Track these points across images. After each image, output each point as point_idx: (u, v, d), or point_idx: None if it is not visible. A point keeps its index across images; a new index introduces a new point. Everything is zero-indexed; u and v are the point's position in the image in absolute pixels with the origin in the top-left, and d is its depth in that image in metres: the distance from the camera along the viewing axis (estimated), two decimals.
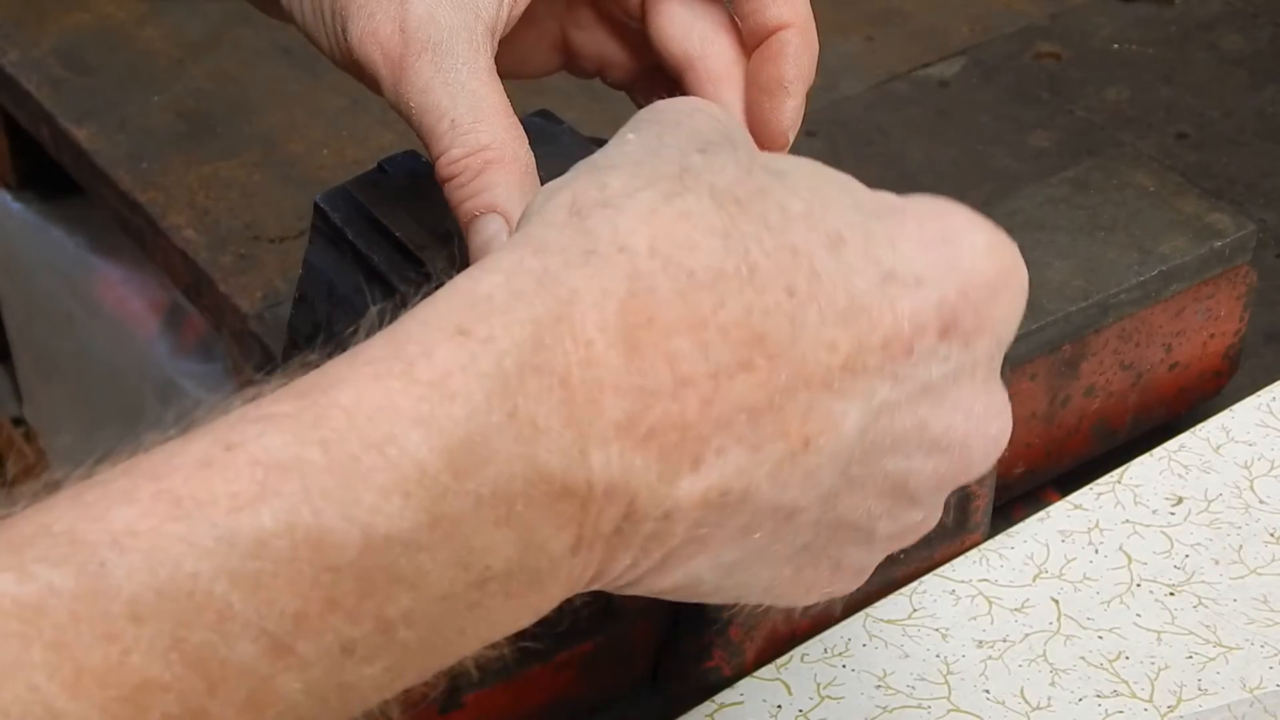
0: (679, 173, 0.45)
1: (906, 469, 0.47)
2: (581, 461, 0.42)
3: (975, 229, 0.47)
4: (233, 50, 1.08)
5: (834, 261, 0.44)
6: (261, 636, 0.38)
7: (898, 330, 0.45)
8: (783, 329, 0.43)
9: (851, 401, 0.45)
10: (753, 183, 0.45)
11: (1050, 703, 0.63)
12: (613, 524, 0.43)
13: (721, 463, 0.43)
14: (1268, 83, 1.04)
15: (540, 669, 0.63)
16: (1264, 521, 0.70)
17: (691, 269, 0.43)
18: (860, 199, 0.47)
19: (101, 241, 1.18)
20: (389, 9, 0.55)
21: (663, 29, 0.58)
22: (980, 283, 0.47)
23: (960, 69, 1.05)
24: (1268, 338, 0.85)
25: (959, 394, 0.47)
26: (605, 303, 0.42)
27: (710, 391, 0.43)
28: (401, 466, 0.39)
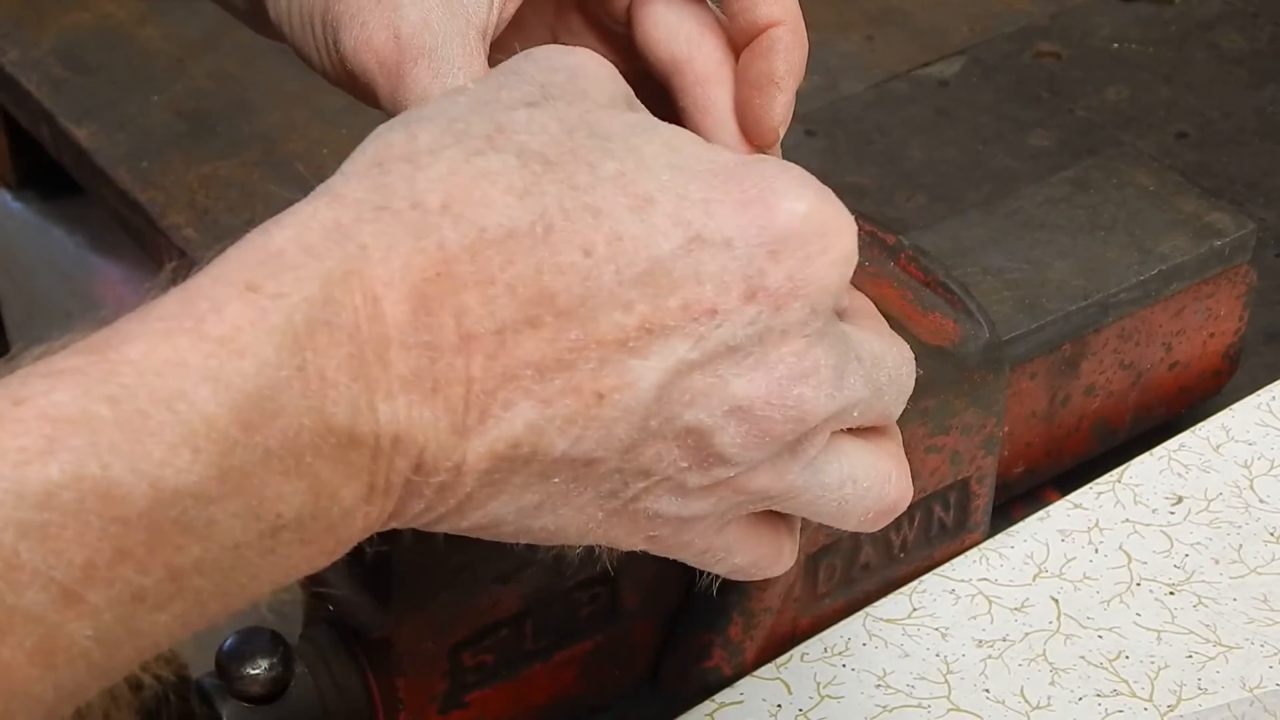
0: (492, 131, 0.45)
1: (709, 425, 0.47)
2: (369, 414, 0.42)
3: (797, 191, 0.47)
4: (232, 49, 1.08)
5: (639, 224, 0.45)
6: (50, 585, 0.38)
7: (699, 293, 0.45)
8: (574, 288, 0.44)
9: (649, 360, 0.45)
10: (570, 143, 0.46)
11: (1050, 702, 0.63)
12: (403, 475, 0.44)
13: (510, 416, 0.44)
14: (1267, 82, 1.04)
15: (540, 669, 0.63)
16: (1264, 521, 0.70)
17: (483, 226, 0.44)
18: (686, 161, 0.47)
19: (101, 241, 1.18)
20: (381, 17, 0.55)
21: (648, 33, 0.58)
22: (794, 246, 0.46)
23: (960, 68, 1.05)
24: (1268, 337, 0.85)
25: (764, 355, 0.47)
26: (392, 258, 0.43)
27: (495, 347, 0.44)
28: (190, 422, 0.40)
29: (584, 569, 0.62)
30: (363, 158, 0.46)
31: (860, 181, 0.95)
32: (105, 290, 1.18)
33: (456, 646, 0.61)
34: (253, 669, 0.59)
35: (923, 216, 0.91)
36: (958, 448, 0.67)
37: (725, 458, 0.48)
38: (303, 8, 0.57)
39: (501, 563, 0.60)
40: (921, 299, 0.67)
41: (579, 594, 0.62)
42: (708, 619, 0.64)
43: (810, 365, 0.47)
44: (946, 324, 0.66)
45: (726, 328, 0.46)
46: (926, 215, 0.91)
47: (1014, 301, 0.70)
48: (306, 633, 0.63)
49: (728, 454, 0.48)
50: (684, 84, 0.57)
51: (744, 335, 0.46)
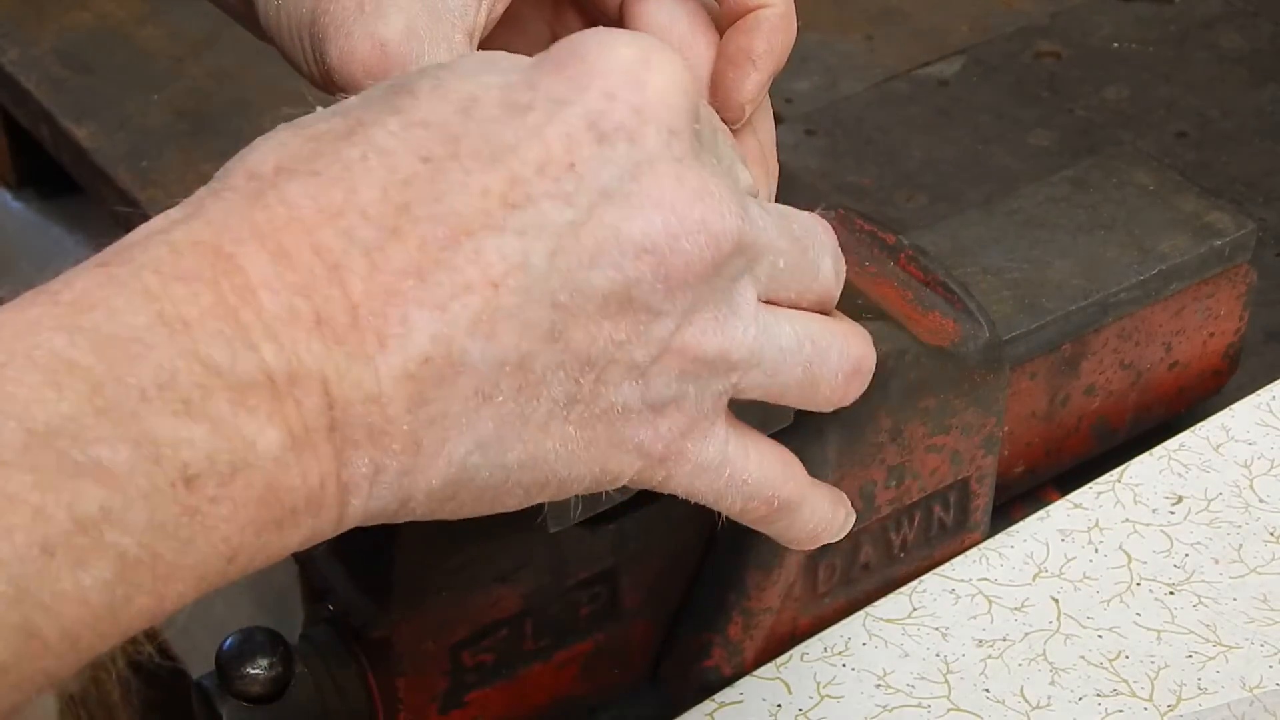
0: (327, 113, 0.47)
1: (621, 279, 0.46)
2: (250, 354, 0.43)
3: (605, 37, 0.47)
4: (232, 49, 1.08)
5: (468, 119, 0.46)
6: None
7: (549, 152, 0.46)
8: (424, 192, 0.45)
9: (527, 233, 0.45)
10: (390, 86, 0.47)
11: (1050, 702, 0.63)
12: (319, 415, 0.43)
13: (408, 331, 0.44)
14: (1267, 81, 1.04)
15: (540, 668, 0.63)
16: (1264, 520, 0.70)
17: (315, 170, 0.45)
18: (502, 63, 0.48)
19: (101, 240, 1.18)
20: (365, 27, 0.56)
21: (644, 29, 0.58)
22: (624, 81, 0.47)
23: (960, 68, 1.05)
24: (1268, 336, 0.85)
25: (642, 190, 0.46)
26: (235, 222, 0.44)
27: (366, 268, 0.44)
28: (50, 365, 0.41)
29: (584, 568, 0.62)
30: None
31: (860, 181, 0.95)
32: None
33: (456, 646, 0.61)
34: (253, 669, 0.59)
35: (923, 216, 0.91)
36: (958, 447, 0.67)
37: (656, 310, 0.47)
38: (290, 19, 0.58)
39: (501, 562, 0.60)
40: (921, 299, 0.67)
41: (579, 594, 0.62)
42: (708, 619, 0.64)
43: (698, 185, 0.47)
44: (946, 324, 0.66)
45: (590, 176, 0.46)
46: (926, 215, 0.91)
47: (1014, 301, 0.70)
48: (306, 633, 0.63)
49: (656, 305, 0.47)
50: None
51: (611, 176, 0.46)
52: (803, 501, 0.53)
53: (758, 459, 0.52)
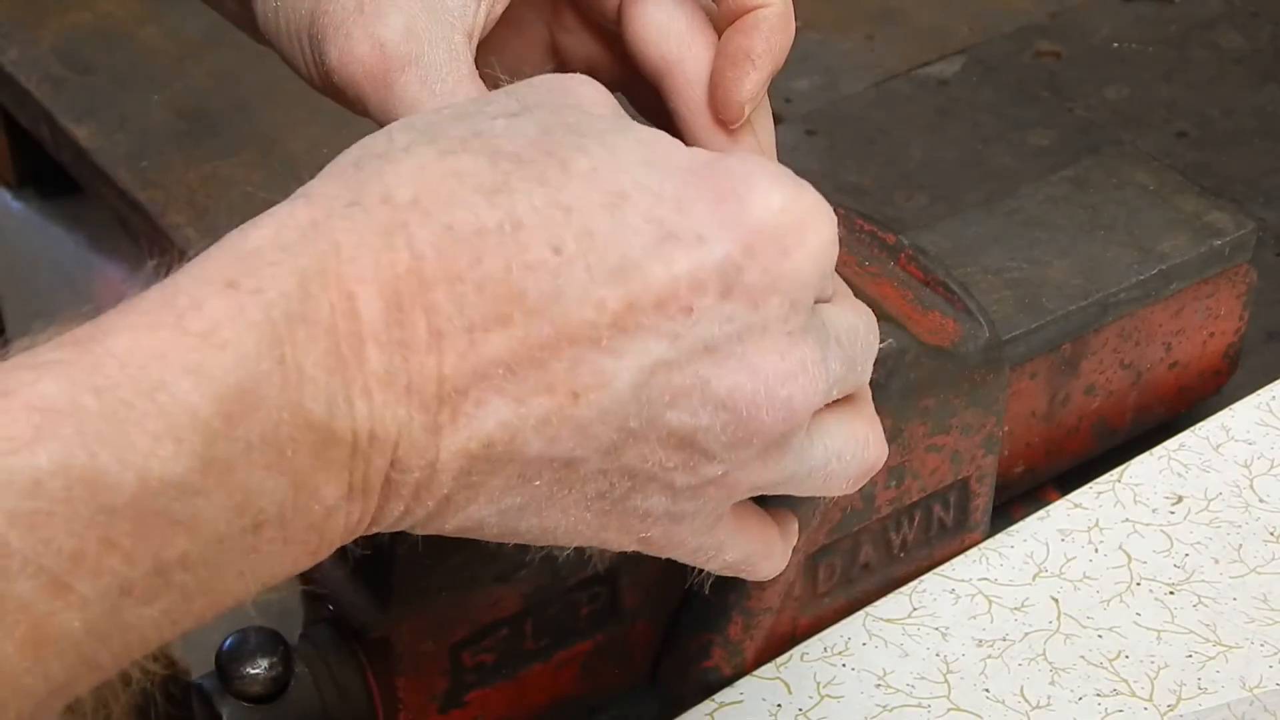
0: (469, 135, 0.46)
1: (692, 425, 0.47)
2: (346, 410, 0.43)
3: (770, 185, 0.47)
4: (232, 49, 1.08)
5: (610, 220, 0.45)
6: (40, 574, 0.39)
7: (674, 289, 0.45)
8: (544, 285, 0.44)
9: (623, 359, 0.45)
10: (545, 143, 0.46)
11: (1050, 701, 0.63)
12: (381, 473, 0.44)
13: (482, 415, 0.44)
14: (1267, 81, 1.04)
15: (540, 669, 0.63)
16: (1264, 520, 0.70)
17: (449, 223, 0.44)
18: (660, 158, 0.47)
19: (101, 240, 1.18)
20: (365, 27, 0.55)
21: (638, 34, 0.58)
22: (769, 240, 0.46)
23: (960, 68, 1.05)
24: (1268, 336, 0.85)
25: (745, 353, 0.46)
26: (363, 255, 0.43)
27: (465, 345, 0.44)
28: (173, 413, 0.41)
29: (584, 568, 0.62)
30: (343, 159, 0.47)
31: (860, 181, 0.95)
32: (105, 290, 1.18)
33: (456, 646, 0.61)
34: (253, 669, 0.59)
35: (923, 216, 0.91)
36: (958, 447, 0.67)
37: (712, 456, 0.47)
38: (289, 21, 0.57)
39: (501, 562, 0.60)
40: (921, 298, 0.67)
41: (579, 594, 0.62)
42: (708, 619, 0.64)
43: (797, 364, 0.47)
44: (946, 323, 0.66)
45: (703, 325, 0.46)
46: (926, 215, 0.91)
47: (1014, 301, 0.70)
48: (306, 633, 0.63)
49: (715, 453, 0.47)
50: (675, 86, 0.57)
51: (722, 334, 0.46)
52: (771, 564, 0.55)
53: (745, 542, 0.53)
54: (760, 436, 0.47)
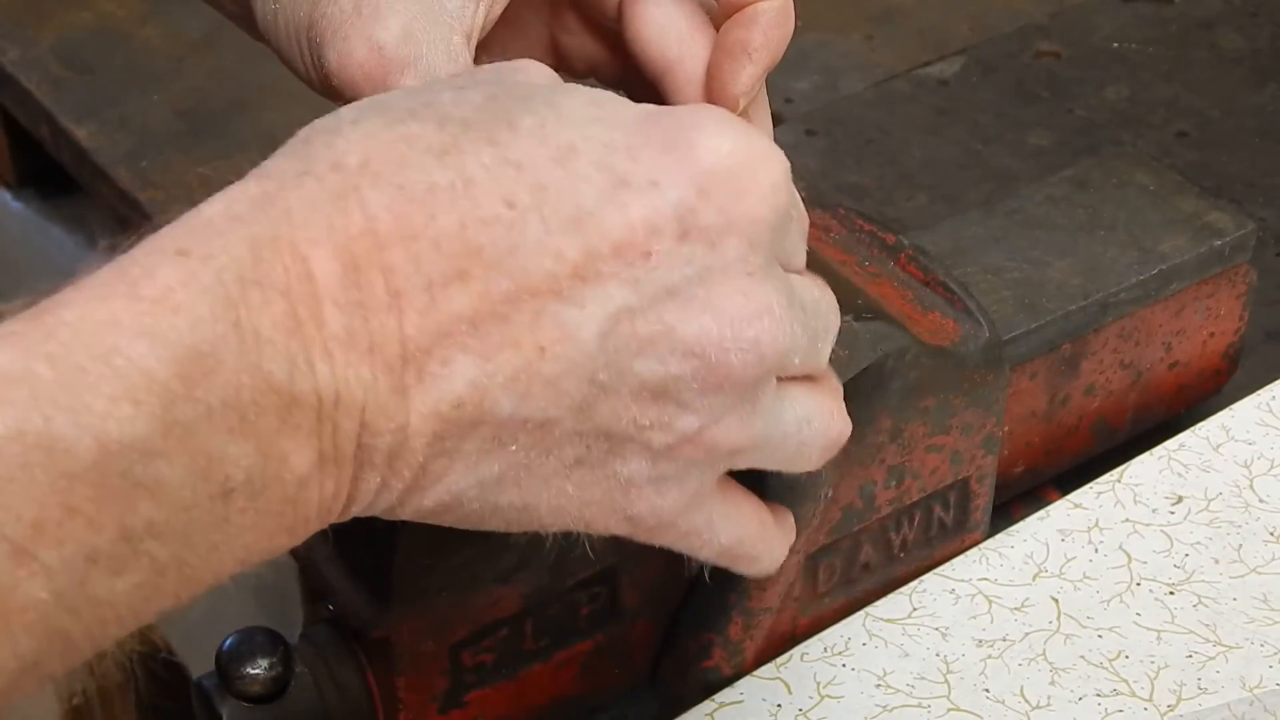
0: (416, 106, 0.46)
1: (663, 374, 0.47)
2: (307, 372, 0.43)
3: (718, 128, 0.47)
4: (232, 49, 1.08)
5: (561, 172, 0.45)
6: (2, 542, 0.39)
7: (630, 235, 0.45)
8: (500, 240, 0.44)
9: (586, 308, 0.45)
10: (491, 108, 0.46)
11: (1050, 702, 0.63)
12: (350, 439, 0.44)
13: (448, 373, 0.44)
14: (1267, 81, 1.04)
15: (540, 668, 0.63)
16: (1264, 520, 0.70)
17: (401, 183, 0.44)
18: (608, 113, 0.47)
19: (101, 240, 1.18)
20: (363, 30, 0.55)
21: (638, 32, 0.57)
22: (721, 181, 0.46)
23: (960, 68, 1.05)
24: (1268, 336, 0.85)
25: (709, 296, 0.46)
26: (315, 219, 0.44)
27: (425, 303, 0.44)
28: (129, 375, 0.41)
29: (584, 568, 0.62)
30: (294, 140, 0.47)
31: (860, 181, 0.95)
32: None
33: (456, 646, 0.61)
34: (253, 669, 0.59)
35: (923, 216, 0.91)
36: (958, 447, 0.67)
37: (685, 406, 0.47)
38: (288, 23, 0.57)
39: (501, 562, 0.59)
40: (921, 298, 0.67)
41: (579, 594, 0.62)
42: (708, 619, 0.64)
43: (761, 304, 0.47)
44: (946, 323, 0.66)
45: (663, 270, 0.46)
46: (926, 215, 0.91)
47: (1014, 301, 0.70)
48: (306, 633, 0.63)
49: (688, 402, 0.47)
50: (675, 85, 0.57)
51: (682, 277, 0.46)
52: (767, 551, 0.55)
53: (737, 523, 0.53)
54: (730, 382, 0.47)
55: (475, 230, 0.44)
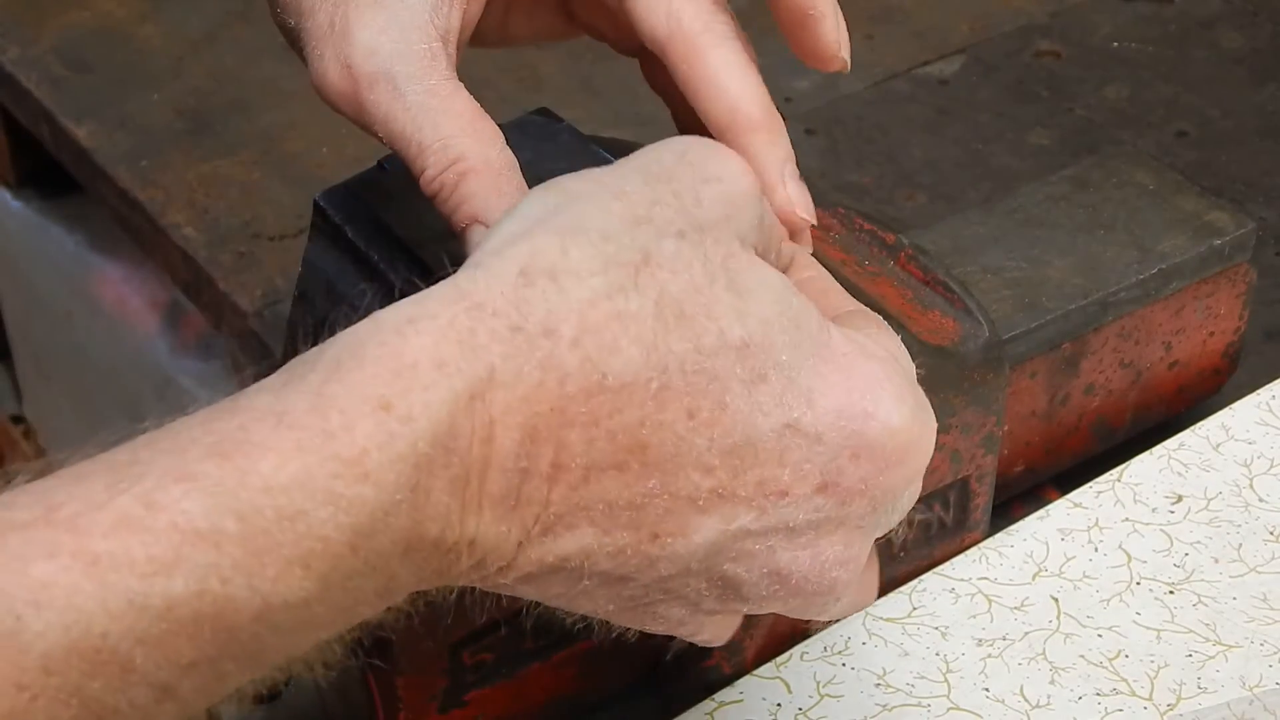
0: (639, 261, 0.46)
1: (743, 578, 0.49)
2: (458, 526, 0.44)
3: (894, 405, 0.49)
4: (232, 48, 1.08)
5: (746, 398, 0.46)
6: (155, 685, 0.41)
7: (777, 476, 0.47)
8: (667, 444, 0.46)
9: (711, 518, 0.47)
10: (708, 293, 0.46)
11: (1050, 701, 0.63)
12: (460, 571, 0.46)
13: (569, 536, 0.46)
14: (1267, 81, 1.04)
15: (540, 668, 0.63)
16: (1264, 520, 0.70)
17: (605, 372, 0.45)
18: (803, 338, 0.48)
19: (101, 239, 1.18)
20: (335, 47, 0.56)
21: (630, 11, 0.57)
22: (877, 455, 0.48)
23: (960, 67, 1.05)
24: (1267, 336, 0.85)
25: (815, 539, 0.49)
26: (516, 386, 0.44)
27: (579, 480, 0.45)
28: (307, 541, 0.42)
29: None
30: (509, 262, 0.46)
31: (860, 181, 0.95)
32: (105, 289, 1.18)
33: (456, 645, 0.61)
34: None
35: (923, 216, 0.91)
36: (957, 447, 0.67)
37: (747, 600, 0.50)
38: (290, 34, 0.59)
39: None
40: (921, 298, 0.67)
41: None
42: None
43: (854, 554, 0.50)
44: (946, 323, 0.66)
45: (791, 509, 0.48)
46: (926, 214, 0.91)
47: (1014, 300, 0.70)
48: None
49: (752, 599, 0.50)
50: (672, 61, 0.57)
51: (805, 519, 0.48)
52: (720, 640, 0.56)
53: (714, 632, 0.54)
54: (796, 598, 0.50)
55: (650, 431, 0.45)
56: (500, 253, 0.46)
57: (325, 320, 0.63)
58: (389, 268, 0.61)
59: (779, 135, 0.58)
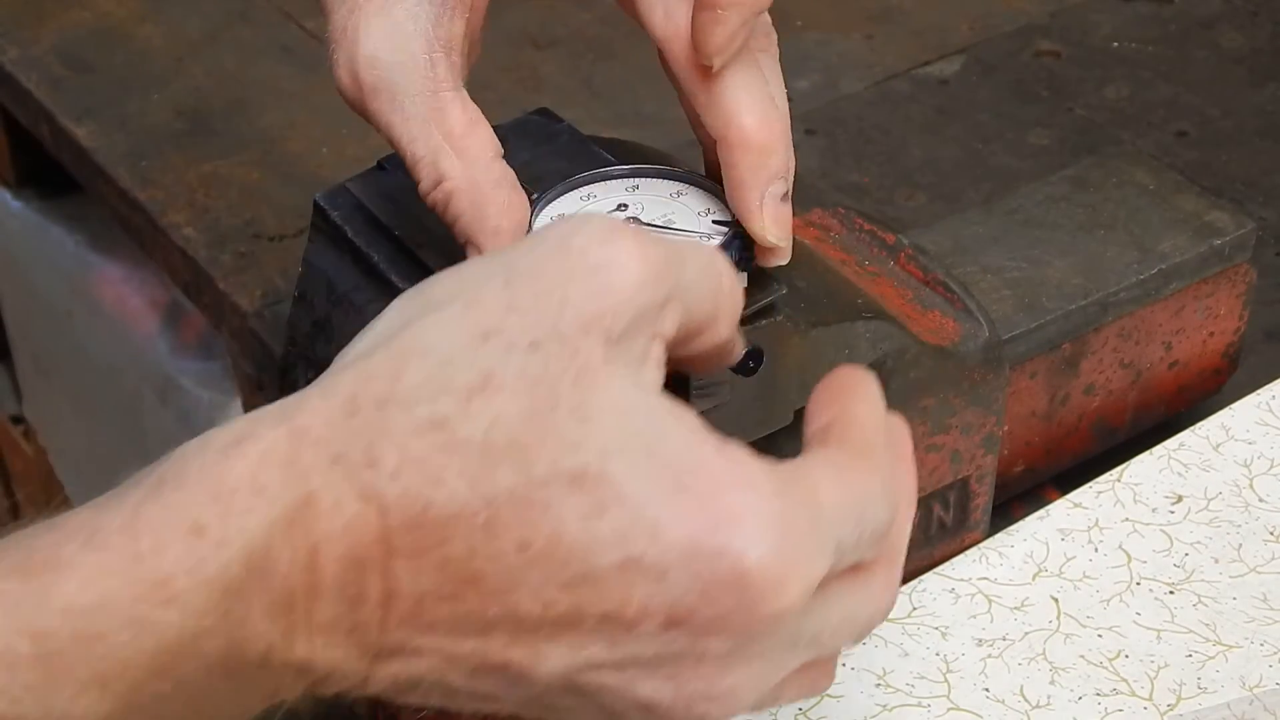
0: (476, 384, 0.44)
1: (616, 707, 0.47)
2: (284, 649, 0.43)
3: (756, 541, 0.44)
4: (232, 48, 1.08)
5: (583, 530, 0.44)
6: None
7: (621, 611, 0.44)
8: (501, 575, 0.44)
9: (559, 646, 0.45)
10: (547, 420, 0.44)
11: (1050, 701, 0.63)
12: (301, 691, 0.45)
13: (417, 661, 0.45)
14: (1267, 80, 1.04)
15: None
16: (1263, 520, 0.70)
17: (429, 502, 0.43)
18: (656, 467, 0.44)
19: (101, 239, 1.18)
20: (345, 51, 0.57)
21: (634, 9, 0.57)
22: (730, 594, 0.44)
23: (960, 67, 1.05)
24: (1267, 336, 0.85)
25: (676, 671, 0.46)
26: (335, 516, 0.43)
27: (413, 609, 0.44)
28: (104, 663, 0.41)
29: None
30: (340, 385, 0.45)
31: (860, 181, 0.95)
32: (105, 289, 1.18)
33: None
34: None
35: (923, 215, 0.91)
36: (957, 447, 0.67)
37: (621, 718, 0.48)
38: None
39: None
40: (921, 298, 0.67)
41: None
42: None
43: (725, 689, 0.46)
44: (946, 323, 0.66)
45: (640, 644, 0.45)
46: (926, 214, 0.91)
47: (1014, 300, 0.70)
48: None
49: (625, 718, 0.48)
50: (670, 64, 0.57)
51: (655, 654, 0.45)
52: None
53: None
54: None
55: (483, 562, 0.44)
56: (338, 373, 0.45)
57: (325, 320, 0.63)
58: (389, 268, 0.61)
59: (771, 154, 0.57)
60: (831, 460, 0.48)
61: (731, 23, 0.54)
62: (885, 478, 0.49)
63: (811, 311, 0.60)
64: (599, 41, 1.05)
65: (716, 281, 0.49)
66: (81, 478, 1.37)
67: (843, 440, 0.49)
